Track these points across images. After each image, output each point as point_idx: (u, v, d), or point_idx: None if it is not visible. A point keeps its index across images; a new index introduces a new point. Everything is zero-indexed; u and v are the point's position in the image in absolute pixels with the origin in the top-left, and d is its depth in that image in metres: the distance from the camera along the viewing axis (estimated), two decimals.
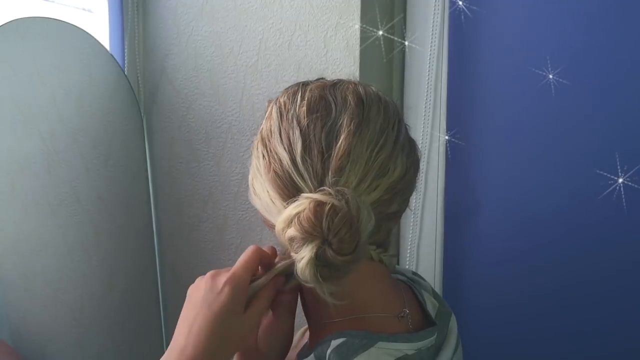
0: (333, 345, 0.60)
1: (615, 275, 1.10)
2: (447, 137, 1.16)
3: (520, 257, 1.16)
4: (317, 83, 0.65)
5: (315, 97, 0.62)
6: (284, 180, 0.60)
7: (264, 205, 0.63)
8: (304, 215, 0.55)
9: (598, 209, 1.08)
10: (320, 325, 0.64)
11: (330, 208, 0.54)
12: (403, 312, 0.65)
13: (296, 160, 0.59)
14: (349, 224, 0.54)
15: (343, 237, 0.54)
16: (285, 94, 0.66)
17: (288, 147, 0.60)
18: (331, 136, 0.59)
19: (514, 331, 1.17)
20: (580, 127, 1.10)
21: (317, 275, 0.55)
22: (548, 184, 1.12)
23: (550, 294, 1.13)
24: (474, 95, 1.16)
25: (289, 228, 0.56)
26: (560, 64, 1.08)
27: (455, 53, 1.15)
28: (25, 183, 0.99)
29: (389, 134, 0.61)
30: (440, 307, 0.71)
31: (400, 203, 0.63)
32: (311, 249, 0.54)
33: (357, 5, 1.07)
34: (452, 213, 1.18)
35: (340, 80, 0.66)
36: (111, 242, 1.16)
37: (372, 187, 0.59)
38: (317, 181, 0.58)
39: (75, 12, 1.17)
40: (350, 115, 0.60)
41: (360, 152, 0.59)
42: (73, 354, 1.07)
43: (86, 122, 1.12)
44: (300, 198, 0.57)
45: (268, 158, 0.62)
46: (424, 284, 0.74)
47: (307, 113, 0.61)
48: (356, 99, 0.62)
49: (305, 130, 0.60)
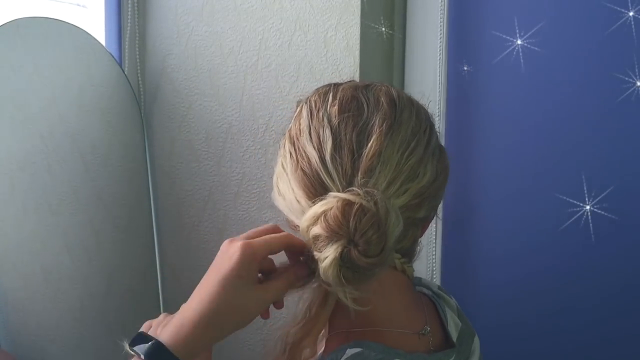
0: (348, 354, 0.58)
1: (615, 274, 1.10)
2: (446, 137, 1.16)
3: (518, 260, 1.15)
4: (349, 83, 0.65)
5: (348, 96, 0.62)
6: (311, 179, 0.59)
7: (288, 205, 0.62)
8: (331, 213, 0.54)
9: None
10: (338, 334, 0.63)
11: (359, 208, 0.53)
12: (424, 329, 0.64)
13: (325, 159, 0.58)
14: (376, 225, 0.53)
15: (370, 238, 0.53)
16: (316, 93, 0.65)
17: (317, 145, 0.59)
18: (362, 136, 0.59)
19: (513, 331, 1.17)
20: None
21: (340, 276, 0.53)
22: (547, 183, 1.12)
23: (550, 295, 1.13)
24: (475, 96, 1.16)
25: (315, 226, 0.55)
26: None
27: (455, 53, 1.15)
28: (25, 183, 0.99)
29: (420, 138, 0.61)
30: (464, 327, 0.69)
31: (428, 209, 0.62)
32: (336, 249, 0.53)
33: (357, 5, 1.07)
34: (450, 214, 1.19)
35: (372, 82, 0.65)
36: (111, 242, 1.16)
37: (402, 191, 0.58)
38: (346, 181, 0.57)
39: (68, 7, 1.17)
40: (383, 116, 0.60)
41: (391, 154, 0.58)
42: (73, 354, 1.07)
43: (86, 122, 1.12)
44: (328, 197, 0.56)
45: (296, 156, 0.61)
46: (449, 300, 0.72)
47: (339, 112, 0.60)
48: (389, 100, 0.61)
49: (336, 129, 0.59)
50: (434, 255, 1.18)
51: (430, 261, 1.18)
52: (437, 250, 1.18)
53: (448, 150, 0.67)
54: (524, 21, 1.11)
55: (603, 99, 1.06)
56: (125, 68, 1.23)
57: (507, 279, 1.17)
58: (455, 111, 1.16)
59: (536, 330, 1.15)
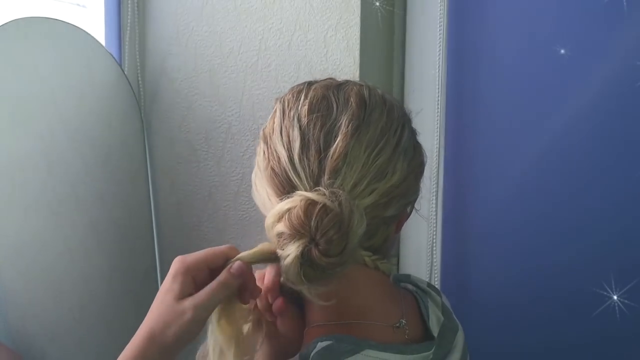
0: (318, 347, 0.59)
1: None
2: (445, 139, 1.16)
3: (518, 259, 1.15)
4: (323, 82, 0.65)
5: (318, 96, 0.62)
6: (280, 178, 0.60)
7: (262, 202, 0.63)
8: (294, 212, 0.54)
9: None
10: (313, 328, 0.64)
11: (322, 208, 0.54)
12: (399, 322, 0.64)
13: (294, 158, 0.59)
14: (338, 225, 0.54)
15: (331, 238, 0.54)
16: (291, 92, 0.65)
17: (287, 145, 0.60)
18: (330, 136, 0.59)
19: (513, 331, 1.17)
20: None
21: (301, 274, 0.54)
22: (547, 184, 1.12)
23: (549, 293, 1.13)
24: (474, 97, 1.16)
25: (279, 223, 0.56)
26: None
27: (456, 53, 1.15)
28: (25, 183, 0.99)
29: (389, 138, 0.61)
30: (446, 322, 0.69)
31: (397, 207, 0.62)
32: (297, 247, 0.54)
33: (357, 5, 1.07)
34: (449, 213, 1.19)
35: (346, 81, 0.65)
36: (111, 242, 1.16)
37: (368, 191, 0.59)
38: (313, 181, 0.58)
39: (69, 7, 1.17)
40: (350, 116, 0.60)
41: (357, 154, 0.59)
42: (73, 354, 1.07)
43: (86, 122, 1.12)
44: (295, 195, 0.56)
45: (267, 155, 0.62)
46: (435, 296, 0.72)
47: (309, 112, 0.61)
48: (358, 100, 0.61)
49: (305, 129, 0.60)
50: (434, 255, 1.18)
51: (430, 261, 1.18)
52: (437, 250, 1.18)
53: (447, 150, 0.67)
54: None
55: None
56: (125, 68, 1.23)
57: (507, 279, 1.17)
58: (455, 111, 1.16)
59: (536, 330, 1.15)
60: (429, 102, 1.15)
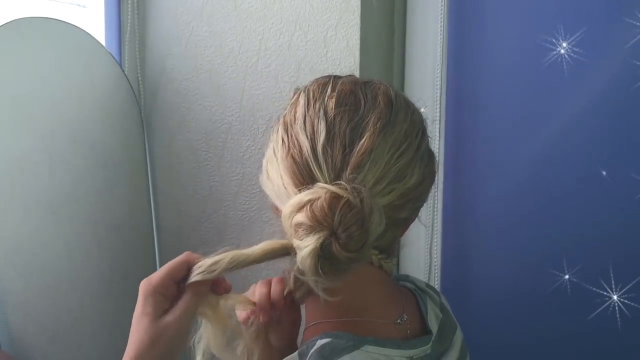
0: (318, 344, 0.60)
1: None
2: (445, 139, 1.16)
3: (518, 260, 1.15)
4: (349, 78, 0.65)
5: (346, 91, 0.62)
6: (300, 168, 0.60)
7: (276, 190, 0.63)
8: (318, 203, 0.54)
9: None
10: (313, 325, 0.64)
11: (346, 202, 0.54)
12: (401, 318, 0.65)
13: (317, 150, 0.59)
14: (360, 221, 0.54)
15: (352, 233, 0.54)
16: (315, 83, 0.65)
17: (311, 135, 0.60)
18: (356, 132, 0.59)
19: (512, 331, 1.17)
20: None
21: (318, 267, 0.54)
22: (547, 186, 1.12)
23: (548, 294, 1.13)
24: (474, 97, 1.16)
25: (298, 213, 0.55)
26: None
27: (456, 53, 1.15)
28: (25, 183, 0.99)
29: (412, 141, 0.61)
30: (444, 319, 0.70)
31: (410, 211, 0.63)
32: (317, 239, 0.54)
33: (357, 5, 1.07)
34: (449, 213, 1.18)
35: (371, 80, 0.66)
36: (111, 242, 1.16)
37: (387, 190, 0.59)
38: (334, 174, 0.58)
39: (69, 7, 1.17)
40: (378, 114, 0.60)
41: (381, 153, 0.59)
42: (73, 354, 1.07)
43: (86, 122, 1.12)
44: (316, 187, 0.56)
45: (288, 143, 0.61)
46: (434, 296, 0.73)
47: (336, 105, 0.61)
48: (386, 99, 0.62)
49: (331, 122, 0.60)
50: (433, 257, 1.18)
51: (429, 263, 1.18)
52: (437, 250, 1.18)
53: (447, 150, 0.68)
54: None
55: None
56: (125, 68, 1.23)
57: (506, 281, 1.17)
58: (455, 111, 1.16)
59: (536, 330, 1.15)
60: (429, 102, 1.15)
